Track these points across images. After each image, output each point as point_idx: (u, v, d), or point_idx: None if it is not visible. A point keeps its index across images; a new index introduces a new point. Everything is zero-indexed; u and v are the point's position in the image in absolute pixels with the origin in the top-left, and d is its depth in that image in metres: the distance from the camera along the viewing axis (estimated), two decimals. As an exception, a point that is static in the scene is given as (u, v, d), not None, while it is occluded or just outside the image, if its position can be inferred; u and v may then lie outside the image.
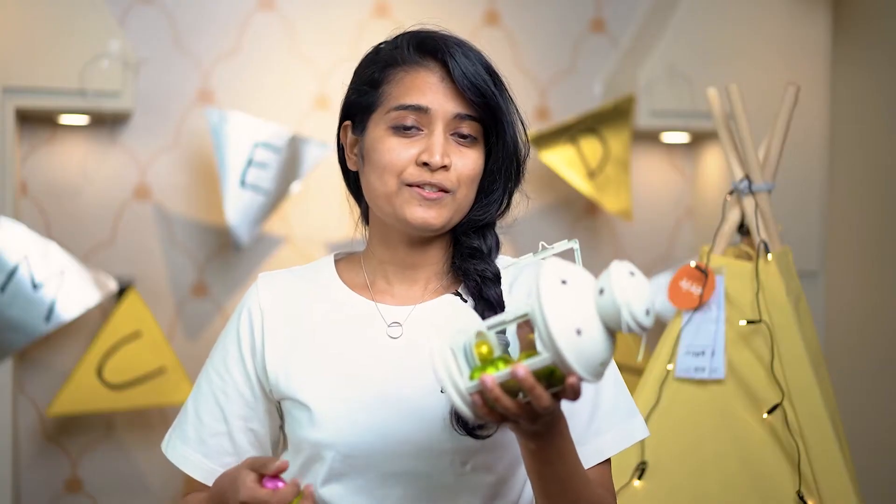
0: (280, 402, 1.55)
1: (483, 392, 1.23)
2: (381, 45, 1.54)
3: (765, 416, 2.29)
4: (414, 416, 1.44)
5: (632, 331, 1.20)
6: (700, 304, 2.36)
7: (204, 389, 1.57)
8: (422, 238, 1.52)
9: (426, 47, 1.47)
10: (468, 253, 1.53)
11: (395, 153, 1.46)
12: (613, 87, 3.62)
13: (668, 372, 2.36)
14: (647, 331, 1.21)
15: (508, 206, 1.55)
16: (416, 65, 1.47)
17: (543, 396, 1.22)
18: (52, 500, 3.31)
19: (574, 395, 1.23)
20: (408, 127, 1.46)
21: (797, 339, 2.31)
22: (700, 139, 3.70)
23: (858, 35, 3.57)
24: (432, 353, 1.24)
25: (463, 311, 1.48)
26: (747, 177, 2.40)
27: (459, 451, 1.45)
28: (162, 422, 3.33)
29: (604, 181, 3.47)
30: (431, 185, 1.45)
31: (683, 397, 2.35)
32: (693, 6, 3.50)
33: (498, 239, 1.55)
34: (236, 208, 3.23)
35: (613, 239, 3.72)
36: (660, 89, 3.46)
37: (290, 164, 3.29)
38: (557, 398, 1.25)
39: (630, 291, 1.19)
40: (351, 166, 1.56)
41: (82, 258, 3.26)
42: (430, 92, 1.46)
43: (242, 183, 3.23)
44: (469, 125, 1.47)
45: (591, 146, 3.46)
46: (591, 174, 3.47)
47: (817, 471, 2.25)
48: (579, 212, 3.69)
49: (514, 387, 1.23)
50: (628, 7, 3.69)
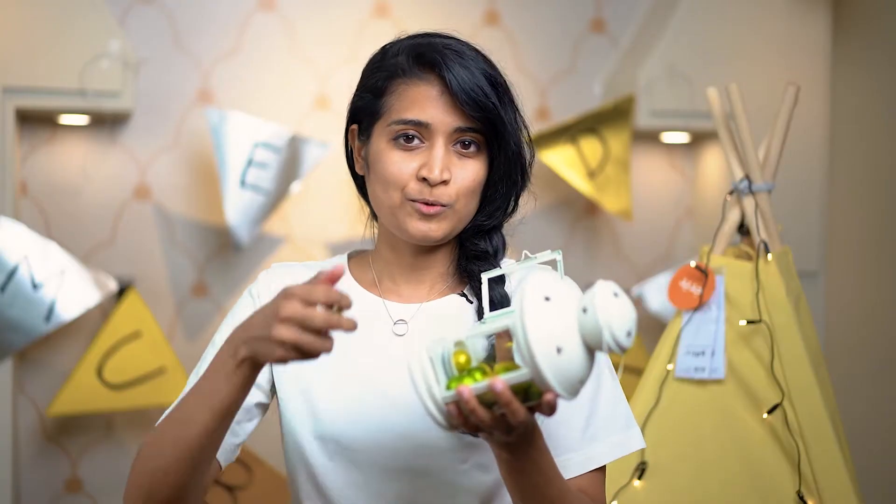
0: (277, 394, 1.54)
1: (459, 403, 1.23)
2: (386, 46, 1.54)
3: (765, 416, 2.29)
4: (415, 412, 1.44)
5: (611, 351, 1.20)
6: (700, 304, 2.36)
7: (203, 367, 1.53)
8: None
9: (425, 60, 1.47)
10: (474, 255, 1.54)
11: (396, 167, 1.47)
12: (613, 87, 3.62)
13: (668, 372, 2.36)
14: (626, 351, 1.21)
15: (515, 208, 1.56)
16: (417, 78, 1.47)
17: (520, 411, 1.22)
18: (52, 500, 3.31)
19: (550, 411, 1.23)
20: (409, 139, 1.47)
21: (797, 339, 2.31)
22: (700, 139, 3.70)
23: (858, 35, 3.57)
24: (410, 360, 1.24)
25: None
26: (747, 177, 2.40)
27: (459, 449, 1.45)
28: (162, 422, 3.34)
29: (604, 181, 3.47)
30: (430, 201, 1.46)
31: (683, 397, 2.35)
32: (693, 6, 3.50)
33: (504, 240, 1.56)
34: (236, 208, 3.22)
35: (613, 239, 3.72)
36: (660, 89, 3.46)
37: (290, 164, 3.29)
38: (532, 412, 1.25)
39: (613, 312, 1.19)
40: (359, 170, 1.56)
41: (82, 258, 3.26)
42: (429, 106, 1.46)
43: (242, 183, 3.23)
44: (471, 135, 1.48)
45: (591, 146, 3.46)
46: (591, 174, 3.47)
47: (817, 471, 2.25)
48: (579, 212, 3.69)
49: (490, 398, 1.23)
50: (628, 7, 3.69)
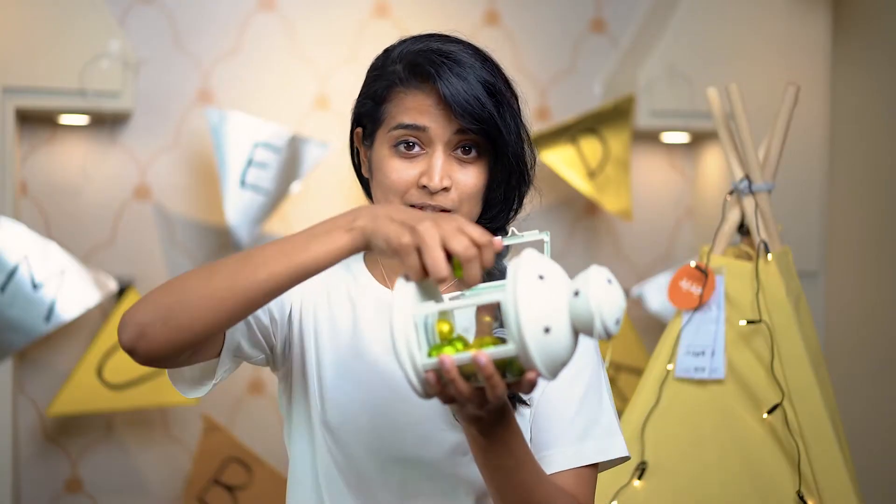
0: (291, 375, 1.54)
1: (439, 371, 1.23)
2: (388, 50, 1.54)
3: (765, 416, 2.29)
4: (420, 404, 1.44)
5: (599, 338, 1.20)
6: (700, 304, 2.36)
7: None
8: None
9: (419, 71, 1.46)
10: None
11: (397, 174, 1.47)
12: (613, 87, 3.62)
13: (668, 372, 2.36)
14: (612, 337, 1.21)
15: (519, 209, 1.57)
16: (414, 88, 1.47)
17: (500, 386, 1.22)
18: (52, 500, 3.31)
19: (529, 389, 1.23)
20: (410, 146, 1.47)
21: (797, 339, 2.31)
22: (700, 139, 3.70)
23: (858, 35, 3.57)
24: (393, 323, 1.23)
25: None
26: (747, 177, 2.39)
27: (461, 442, 1.46)
28: (162, 422, 3.33)
29: (604, 181, 3.47)
30: (432, 205, 1.46)
31: (683, 397, 2.35)
32: (693, 6, 3.50)
33: None
34: (236, 208, 3.22)
35: (613, 239, 3.72)
36: (660, 89, 3.46)
37: (290, 164, 3.29)
38: (510, 388, 1.25)
39: (605, 299, 1.19)
40: (365, 173, 1.57)
41: (82, 258, 3.26)
42: (427, 113, 1.46)
43: (242, 183, 3.23)
44: (470, 142, 1.48)
45: (591, 146, 3.46)
46: (591, 174, 3.47)
47: (817, 471, 2.25)
48: (579, 212, 3.69)
49: (469, 370, 1.23)
50: (628, 7, 3.69)
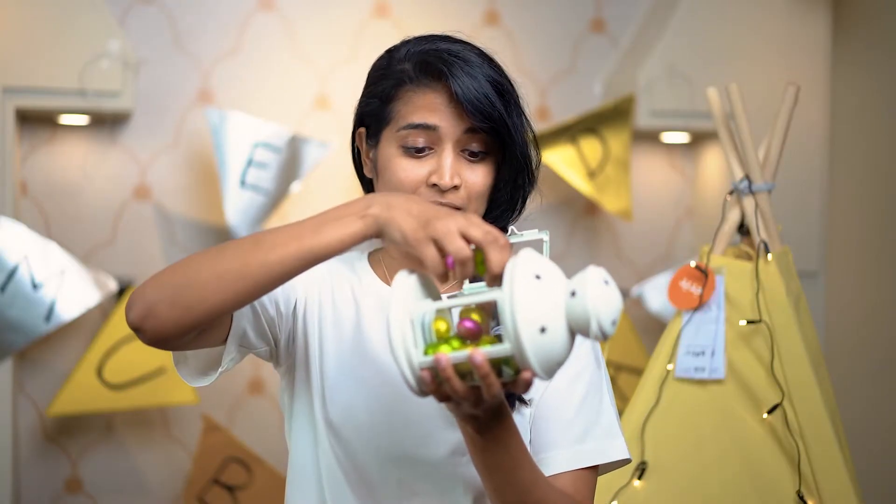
0: (294, 370, 1.54)
1: (435, 370, 1.23)
2: (392, 51, 1.54)
3: (765, 416, 2.29)
4: (421, 402, 1.44)
5: (595, 338, 1.20)
6: (700, 304, 2.36)
7: None
8: None
9: (431, 69, 1.47)
10: None
11: (405, 173, 1.47)
12: (613, 87, 3.62)
13: (668, 372, 2.36)
14: (608, 338, 1.21)
15: (522, 209, 1.57)
16: (424, 86, 1.47)
17: (495, 385, 1.22)
18: (52, 500, 3.31)
19: (524, 389, 1.23)
20: (419, 148, 1.47)
21: (797, 339, 2.31)
22: (700, 139, 3.70)
23: (858, 35, 3.57)
24: (390, 320, 1.24)
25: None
26: (747, 177, 2.39)
27: (460, 441, 1.46)
28: (162, 422, 3.33)
29: (604, 181, 3.47)
30: (442, 205, 1.45)
31: (683, 397, 2.35)
32: (693, 6, 3.50)
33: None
34: (236, 208, 3.22)
35: (613, 239, 3.72)
36: (660, 89, 3.46)
37: (290, 164, 3.29)
38: (505, 387, 1.25)
39: (601, 300, 1.19)
40: (367, 173, 1.57)
41: (82, 258, 3.26)
42: (438, 112, 1.46)
43: (242, 183, 3.23)
44: (479, 141, 1.48)
45: (591, 146, 3.46)
46: (591, 174, 3.47)
47: (817, 471, 2.25)
48: (579, 212, 3.69)
49: (465, 369, 1.23)
50: (628, 7, 3.69)
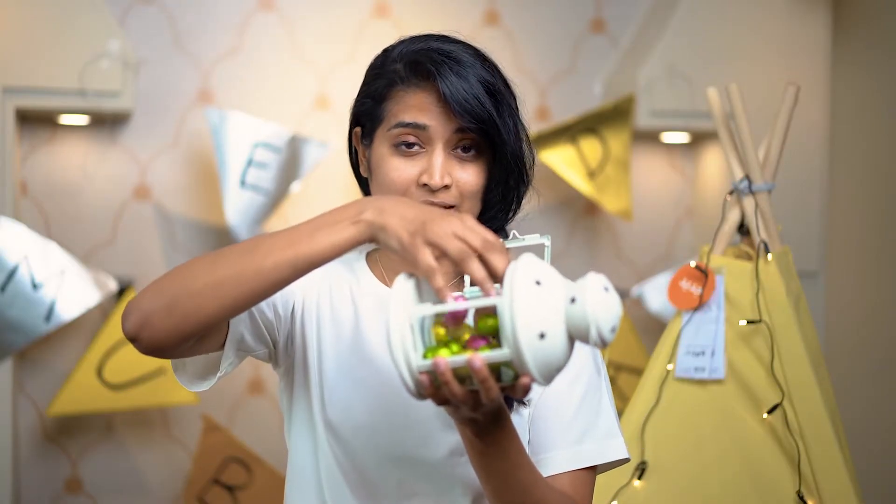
0: (293, 371, 1.54)
1: (434, 373, 1.23)
2: (387, 50, 1.54)
3: (765, 416, 2.29)
4: (418, 403, 1.44)
5: (594, 345, 1.20)
6: (700, 304, 2.36)
7: None
8: None
9: (421, 69, 1.47)
10: None
11: (397, 173, 1.47)
12: (613, 87, 3.62)
13: (668, 372, 2.36)
14: (608, 345, 1.21)
15: (517, 209, 1.56)
16: (415, 86, 1.48)
17: (493, 389, 1.22)
18: (52, 500, 3.31)
19: (523, 393, 1.24)
20: (409, 145, 1.47)
21: (797, 339, 2.31)
22: (700, 139, 3.70)
23: (858, 35, 3.57)
24: (390, 324, 1.24)
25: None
26: (747, 177, 2.40)
27: (459, 442, 1.46)
28: (162, 422, 3.33)
29: (604, 181, 3.47)
30: (434, 204, 1.45)
31: (683, 397, 2.35)
32: (693, 6, 3.50)
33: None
34: (236, 208, 3.22)
35: (613, 239, 3.72)
36: (660, 89, 3.46)
37: (290, 164, 3.29)
38: (504, 391, 1.26)
39: (601, 307, 1.19)
40: (363, 172, 1.57)
41: (82, 258, 3.26)
42: (428, 112, 1.46)
43: (242, 183, 3.23)
44: (469, 140, 1.48)
45: (591, 146, 3.46)
46: (591, 174, 3.47)
47: (817, 471, 2.25)
48: (579, 212, 3.69)
49: (464, 373, 1.23)
50: (628, 7, 3.69)
